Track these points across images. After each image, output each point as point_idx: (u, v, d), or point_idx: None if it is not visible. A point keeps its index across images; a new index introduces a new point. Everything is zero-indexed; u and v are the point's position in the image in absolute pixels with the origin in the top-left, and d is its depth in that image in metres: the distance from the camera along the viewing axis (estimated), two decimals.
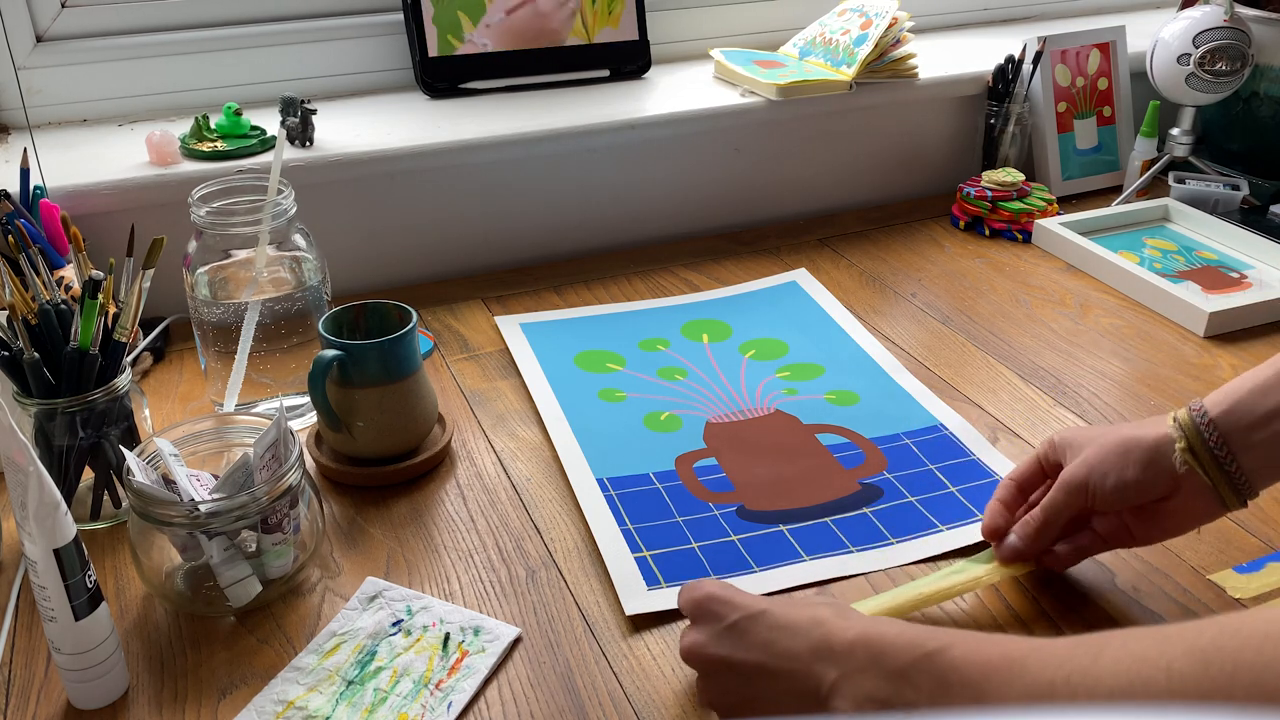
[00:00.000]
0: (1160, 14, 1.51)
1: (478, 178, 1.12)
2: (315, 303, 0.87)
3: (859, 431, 0.86)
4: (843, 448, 0.84)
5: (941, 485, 0.79)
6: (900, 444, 0.84)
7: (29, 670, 0.65)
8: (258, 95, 1.14)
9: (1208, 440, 0.61)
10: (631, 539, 0.74)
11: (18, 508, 0.57)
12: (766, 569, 0.71)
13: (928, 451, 0.83)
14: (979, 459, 0.82)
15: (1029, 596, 0.69)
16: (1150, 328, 1.02)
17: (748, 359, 0.97)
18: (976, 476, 0.80)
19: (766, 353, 0.98)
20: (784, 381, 0.93)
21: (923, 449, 0.84)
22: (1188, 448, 0.61)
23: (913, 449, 0.84)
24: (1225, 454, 0.61)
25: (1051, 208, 1.21)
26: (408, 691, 0.62)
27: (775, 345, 0.99)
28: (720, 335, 1.01)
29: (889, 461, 0.82)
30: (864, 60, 1.18)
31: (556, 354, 0.97)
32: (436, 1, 1.14)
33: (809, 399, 0.91)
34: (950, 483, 0.80)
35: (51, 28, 1.07)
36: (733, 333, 1.01)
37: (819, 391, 0.92)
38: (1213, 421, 0.61)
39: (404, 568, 0.72)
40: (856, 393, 0.91)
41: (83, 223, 0.91)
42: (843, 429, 0.86)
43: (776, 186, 1.26)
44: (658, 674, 0.64)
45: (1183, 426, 0.62)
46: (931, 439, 0.85)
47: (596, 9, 1.20)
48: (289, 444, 0.68)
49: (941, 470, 0.81)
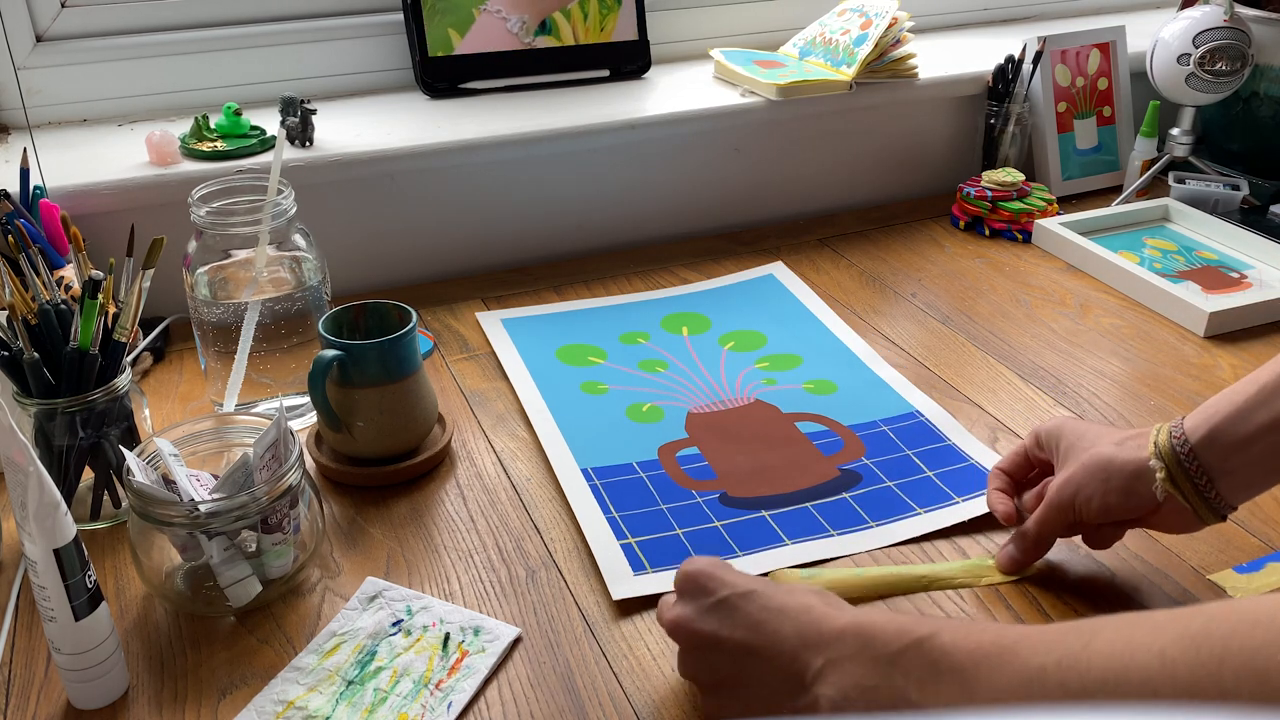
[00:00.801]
0: (1160, 14, 1.51)
1: (478, 178, 1.12)
2: (315, 303, 0.87)
3: (837, 419, 0.87)
4: (822, 435, 0.85)
5: (918, 470, 0.81)
6: (878, 430, 0.86)
7: (29, 670, 0.65)
8: (258, 95, 1.14)
9: (1188, 469, 0.62)
10: (616, 526, 0.75)
11: (18, 508, 0.57)
12: (749, 553, 0.73)
13: (905, 438, 0.85)
14: (955, 444, 0.84)
15: (1028, 596, 0.69)
16: (1150, 328, 1.02)
17: (727, 350, 0.98)
18: (952, 461, 0.82)
19: (745, 344, 0.99)
20: (763, 372, 0.94)
21: (900, 435, 0.85)
22: (1168, 477, 0.62)
23: (890, 435, 0.85)
24: (1204, 482, 0.62)
25: (1051, 208, 1.21)
26: (408, 691, 0.62)
27: (754, 337, 1.00)
28: (700, 328, 1.02)
29: (867, 448, 0.84)
30: (864, 60, 1.18)
31: (538, 348, 0.98)
32: (429, 16, 1.15)
33: (788, 388, 0.92)
34: (927, 467, 0.81)
35: (51, 28, 1.07)
36: (712, 325, 1.02)
37: (797, 381, 0.93)
38: (1193, 450, 0.61)
39: (404, 568, 0.72)
40: (834, 382, 0.93)
41: (83, 223, 0.91)
42: (821, 417, 0.88)
43: (776, 186, 1.26)
44: (658, 674, 0.64)
45: (1163, 455, 0.62)
46: (909, 425, 0.86)
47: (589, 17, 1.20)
48: (289, 444, 0.68)
49: (918, 455, 0.83)
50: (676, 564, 0.70)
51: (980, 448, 0.83)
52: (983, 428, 0.87)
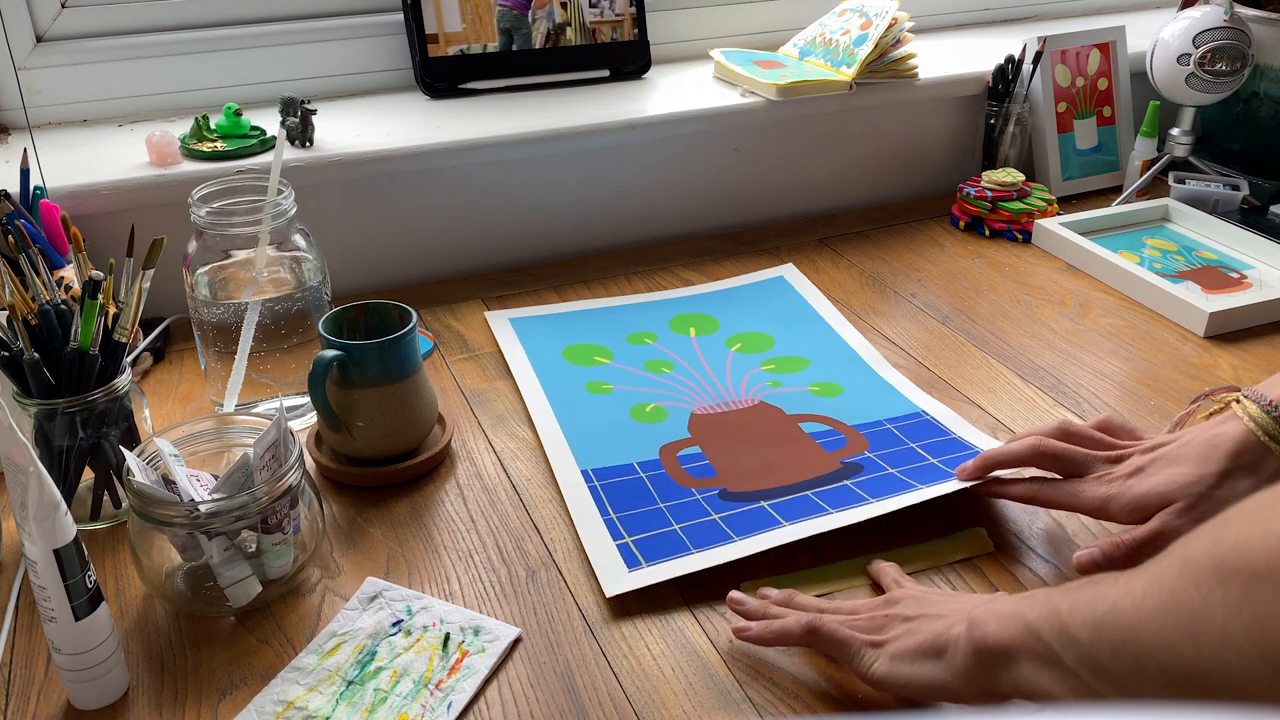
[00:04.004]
0: (1160, 14, 1.51)
1: (478, 178, 1.12)
2: (315, 303, 0.87)
3: (842, 420, 0.87)
4: (825, 434, 0.85)
5: (921, 458, 0.81)
6: (882, 428, 0.86)
7: (29, 670, 0.65)
8: (258, 95, 1.14)
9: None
10: (614, 527, 0.75)
11: (18, 508, 0.57)
12: (745, 537, 0.72)
13: (909, 433, 0.85)
14: (960, 437, 0.83)
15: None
16: (1150, 328, 1.02)
17: (734, 352, 0.98)
18: (956, 450, 0.81)
19: (752, 346, 0.99)
20: (769, 374, 0.94)
21: (904, 431, 0.85)
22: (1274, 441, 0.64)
23: (894, 432, 0.85)
24: None
25: (1051, 208, 1.21)
26: (408, 691, 0.62)
27: (761, 339, 1.00)
28: (707, 329, 1.01)
29: (870, 443, 0.84)
30: (864, 60, 1.18)
31: (545, 348, 0.98)
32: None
33: (793, 390, 0.92)
34: (930, 455, 0.81)
35: (51, 28, 1.07)
36: (719, 326, 1.02)
37: (803, 384, 0.93)
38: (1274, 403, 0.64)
39: (404, 568, 0.72)
40: (840, 385, 0.92)
41: (83, 223, 0.91)
42: (826, 418, 0.88)
43: (776, 186, 1.26)
44: (658, 674, 0.64)
45: (1267, 429, 0.64)
46: (914, 423, 0.86)
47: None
48: (289, 444, 0.68)
49: (922, 447, 0.83)
50: (672, 558, 0.70)
51: (988, 440, 0.82)
52: (982, 427, 0.87)
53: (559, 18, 1.19)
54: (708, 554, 0.71)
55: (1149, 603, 0.45)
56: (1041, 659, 0.51)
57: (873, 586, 0.70)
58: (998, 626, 0.53)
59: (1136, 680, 0.45)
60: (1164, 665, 0.44)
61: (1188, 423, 0.76)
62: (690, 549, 0.72)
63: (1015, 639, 0.52)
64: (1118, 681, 0.46)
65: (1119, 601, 0.46)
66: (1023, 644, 0.52)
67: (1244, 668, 0.40)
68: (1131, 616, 0.45)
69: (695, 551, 0.71)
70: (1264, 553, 0.40)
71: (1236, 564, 0.41)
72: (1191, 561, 0.44)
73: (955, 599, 0.61)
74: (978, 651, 0.54)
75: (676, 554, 0.71)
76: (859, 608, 0.63)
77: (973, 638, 0.55)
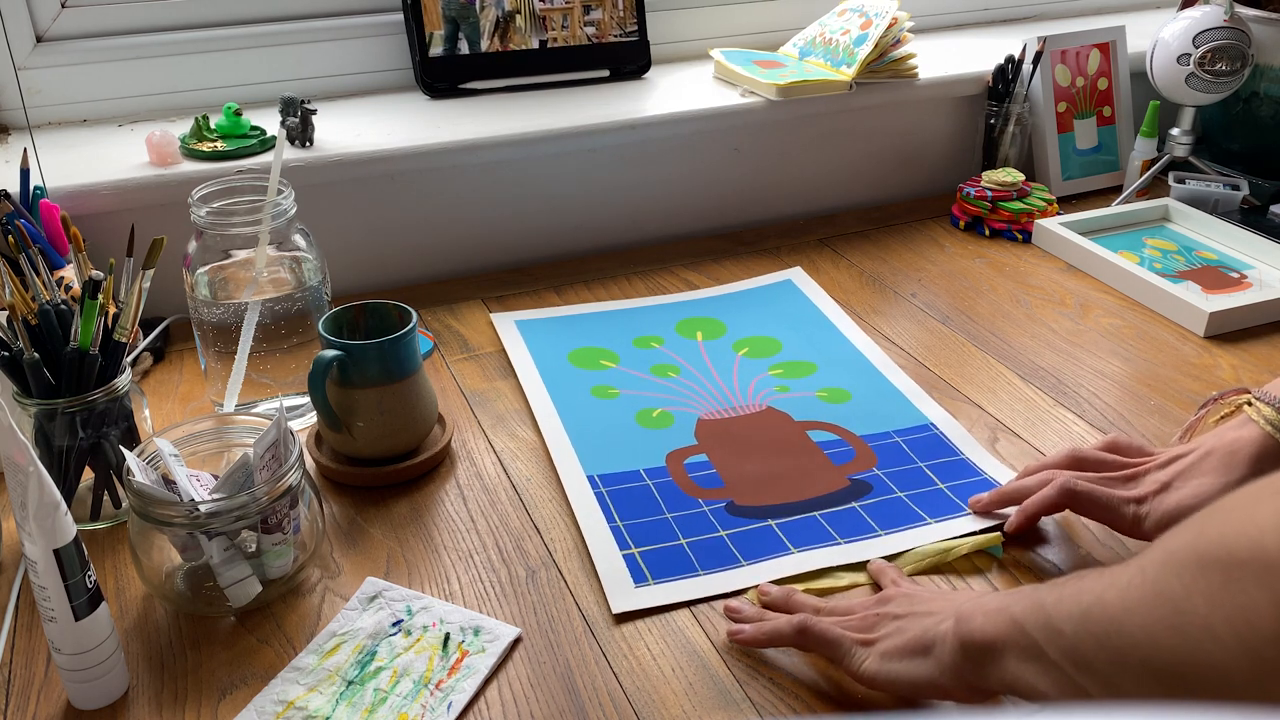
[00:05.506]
0: (1160, 14, 1.51)
1: (478, 178, 1.12)
2: (315, 303, 0.87)
3: (849, 429, 0.86)
4: (833, 444, 0.85)
5: (930, 482, 0.80)
6: (890, 441, 0.85)
7: (29, 670, 0.65)
8: (258, 95, 1.14)
9: None
10: (620, 536, 0.74)
11: (18, 508, 0.57)
12: (754, 562, 0.72)
13: (918, 450, 0.84)
14: (968, 459, 0.83)
15: None
16: (1150, 328, 1.02)
17: (741, 356, 0.97)
18: (965, 475, 0.81)
19: (760, 350, 0.98)
20: (776, 379, 0.93)
21: (913, 447, 0.84)
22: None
23: (903, 447, 0.84)
24: None
25: (1051, 208, 1.21)
26: (408, 691, 0.62)
27: (769, 343, 0.99)
28: (714, 333, 1.01)
29: (879, 458, 0.83)
30: (864, 60, 1.18)
31: (551, 351, 0.97)
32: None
33: (801, 396, 0.91)
34: (939, 479, 0.80)
35: (51, 28, 1.07)
36: (727, 330, 1.01)
37: (811, 389, 0.92)
38: None
39: (404, 568, 0.72)
40: (848, 390, 0.92)
41: (83, 223, 0.91)
42: (834, 426, 0.87)
43: (776, 186, 1.26)
44: (658, 674, 0.64)
45: (1271, 421, 0.65)
46: (922, 438, 0.85)
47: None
48: (289, 444, 0.68)
49: (931, 468, 0.82)
50: (679, 576, 0.70)
51: (994, 463, 0.82)
52: (982, 428, 0.87)
53: (509, 5, 1.18)
54: (714, 578, 0.71)
55: (1132, 594, 0.45)
56: (1026, 653, 0.51)
57: (874, 586, 0.70)
58: (984, 621, 0.53)
59: (1120, 673, 0.45)
60: (1147, 657, 0.44)
61: (1198, 428, 0.76)
62: (697, 570, 0.71)
63: (1001, 633, 0.52)
64: (1101, 674, 0.46)
65: (1104, 594, 0.46)
66: (1008, 638, 0.52)
67: (1226, 659, 0.40)
68: (1116, 608, 0.45)
69: (702, 574, 0.71)
70: (1246, 543, 0.40)
71: (1218, 555, 0.41)
72: (1175, 553, 0.44)
73: (945, 596, 0.61)
74: (964, 647, 0.54)
75: (684, 574, 0.71)
76: (854, 607, 0.63)
77: (959, 633, 0.55)
